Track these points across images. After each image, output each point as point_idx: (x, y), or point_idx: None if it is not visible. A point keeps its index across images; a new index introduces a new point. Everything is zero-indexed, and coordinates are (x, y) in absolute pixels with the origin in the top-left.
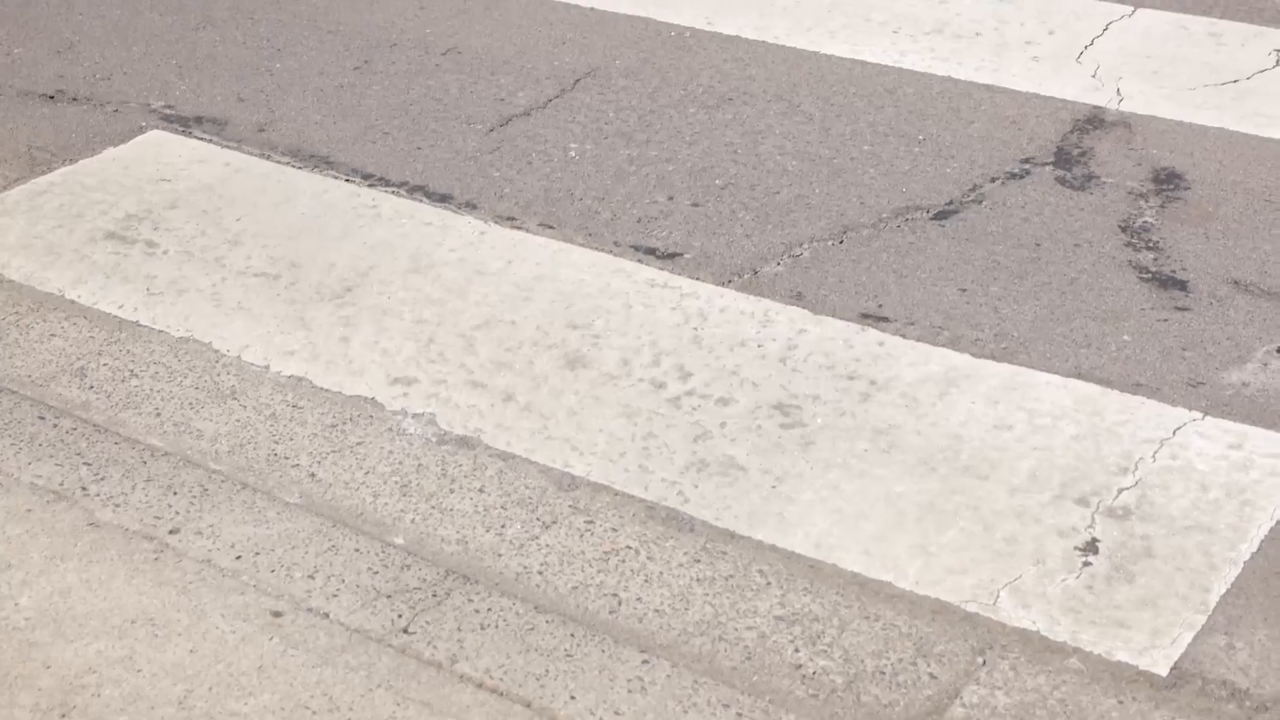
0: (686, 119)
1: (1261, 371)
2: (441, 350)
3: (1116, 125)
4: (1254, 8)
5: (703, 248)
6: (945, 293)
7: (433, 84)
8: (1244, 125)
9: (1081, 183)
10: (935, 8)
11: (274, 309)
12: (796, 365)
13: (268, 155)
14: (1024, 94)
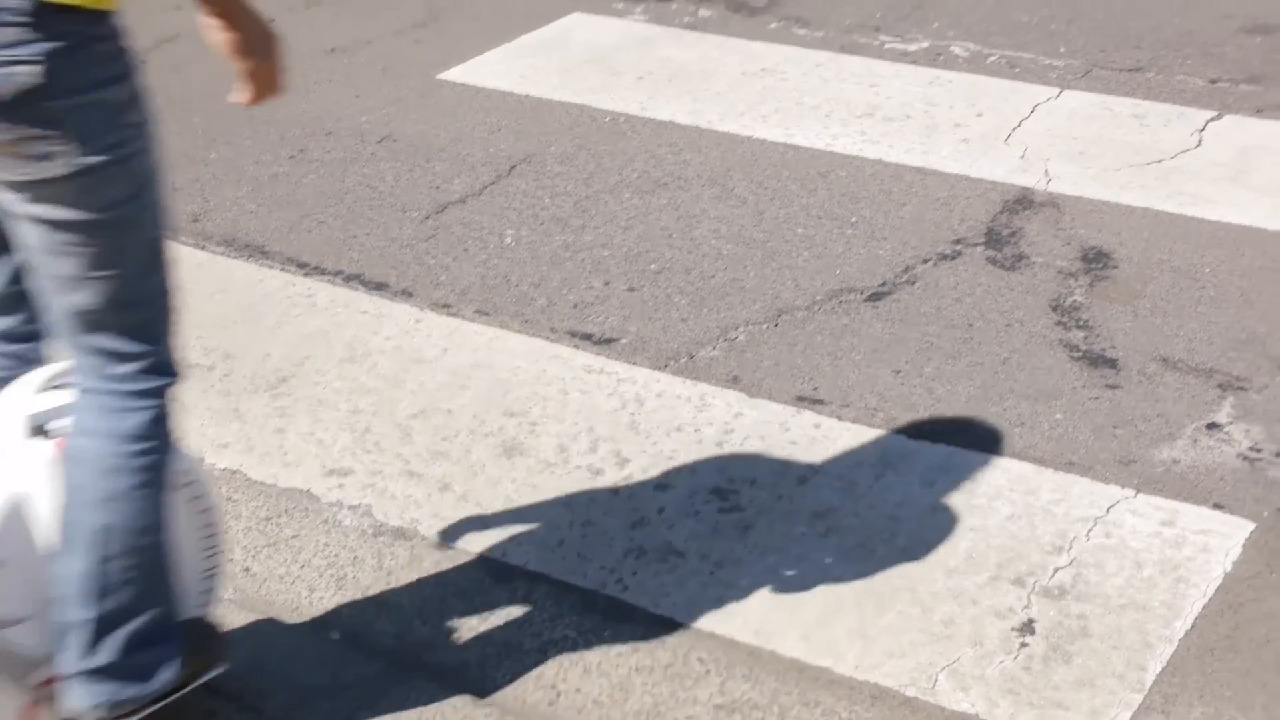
0: (621, 204)
1: (1191, 448)
2: (378, 440)
3: (1045, 205)
4: (1175, 89)
5: (639, 332)
6: (880, 374)
7: (368, 172)
8: (1168, 204)
9: (1012, 263)
10: (866, 91)
11: (208, 401)
12: (734, 449)
13: (202, 245)
14: (954, 176)
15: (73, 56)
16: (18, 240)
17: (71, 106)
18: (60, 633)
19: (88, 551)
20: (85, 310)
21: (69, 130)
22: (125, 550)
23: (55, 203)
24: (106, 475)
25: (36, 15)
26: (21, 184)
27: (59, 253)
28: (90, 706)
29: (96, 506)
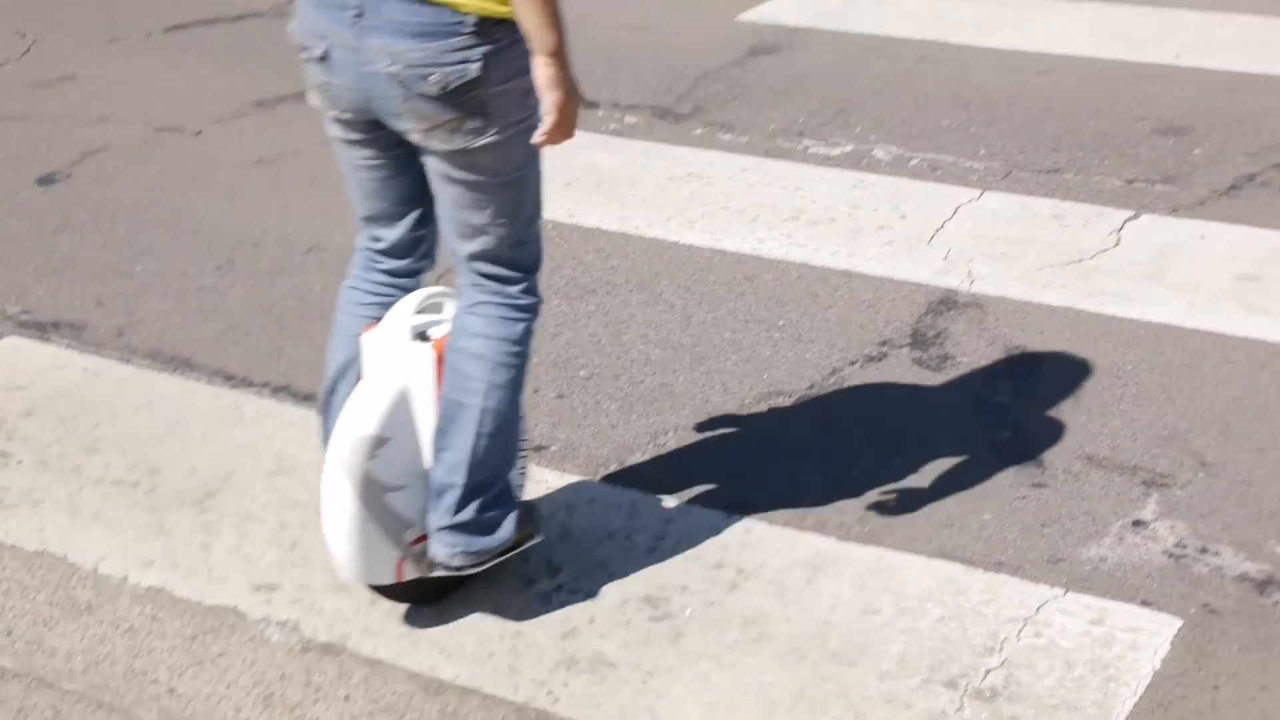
0: (550, 311)
1: (1118, 545)
2: (306, 554)
3: (969, 306)
4: (1093, 189)
5: (568, 439)
6: (809, 477)
7: (296, 282)
8: (1089, 303)
9: (938, 364)
10: (791, 195)
11: (133, 517)
12: (664, 555)
13: (127, 359)
14: (879, 278)
15: (499, 56)
16: (435, 196)
17: (496, 93)
18: (434, 495)
19: (469, 429)
20: (488, 249)
21: (493, 111)
22: (495, 429)
23: (477, 168)
24: (493, 369)
25: (479, 26)
26: (455, 153)
27: (474, 206)
28: (451, 554)
29: (482, 393)
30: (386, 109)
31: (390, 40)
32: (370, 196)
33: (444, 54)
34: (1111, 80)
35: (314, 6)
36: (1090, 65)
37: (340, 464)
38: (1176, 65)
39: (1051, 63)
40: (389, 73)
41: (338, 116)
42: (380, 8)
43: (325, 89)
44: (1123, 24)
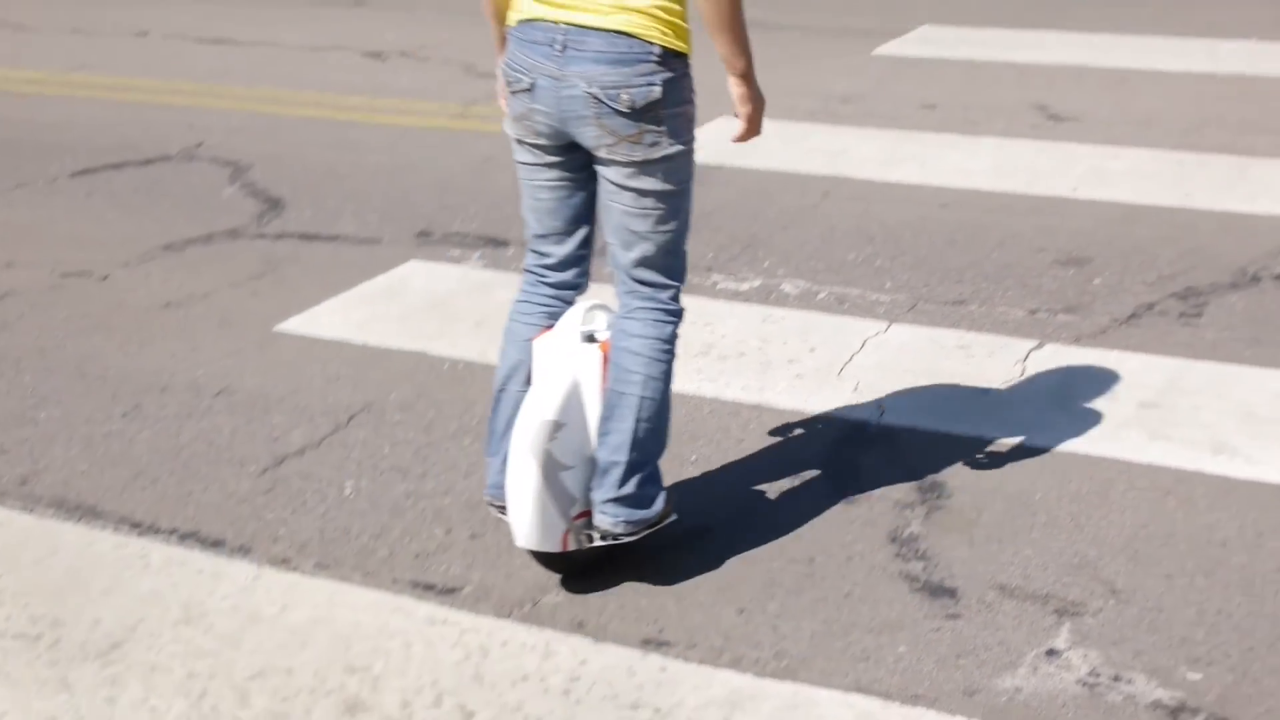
0: (463, 450)
1: (1032, 675)
2: (214, 704)
3: (879, 438)
4: (998, 320)
5: (482, 580)
6: (724, 613)
7: (205, 426)
8: (997, 433)
9: (850, 496)
10: (701, 330)
11: (34, 672)
12: (580, 697)
13: (31, 508)
14: (790, 411)
15: (675, 83)
16: (605, 211)
17: (671, 114)
18: (599, 473)
19: (630, 415)
20: (646, 256)
21: (668, 128)
22: (651, 415)
23: (651, 176)
24: (649, 364)
25: (662, 56)
26: (634, 163)
27: (641, 214)
28: (614, 523)
29: (640, 384)
30: (581, 127)
31: (589, 67)
32: (547, 215)
33: (633, 77)
34: (1012, 213)
35: (523, 46)
36: (991, 199)
37: (526, 445)
38: (1074, 198)
39: (953, 196)
40: (587, 93)
41: (534, 141)
42: (583, 40)
43: (527, 117)
44: (1021, 158)
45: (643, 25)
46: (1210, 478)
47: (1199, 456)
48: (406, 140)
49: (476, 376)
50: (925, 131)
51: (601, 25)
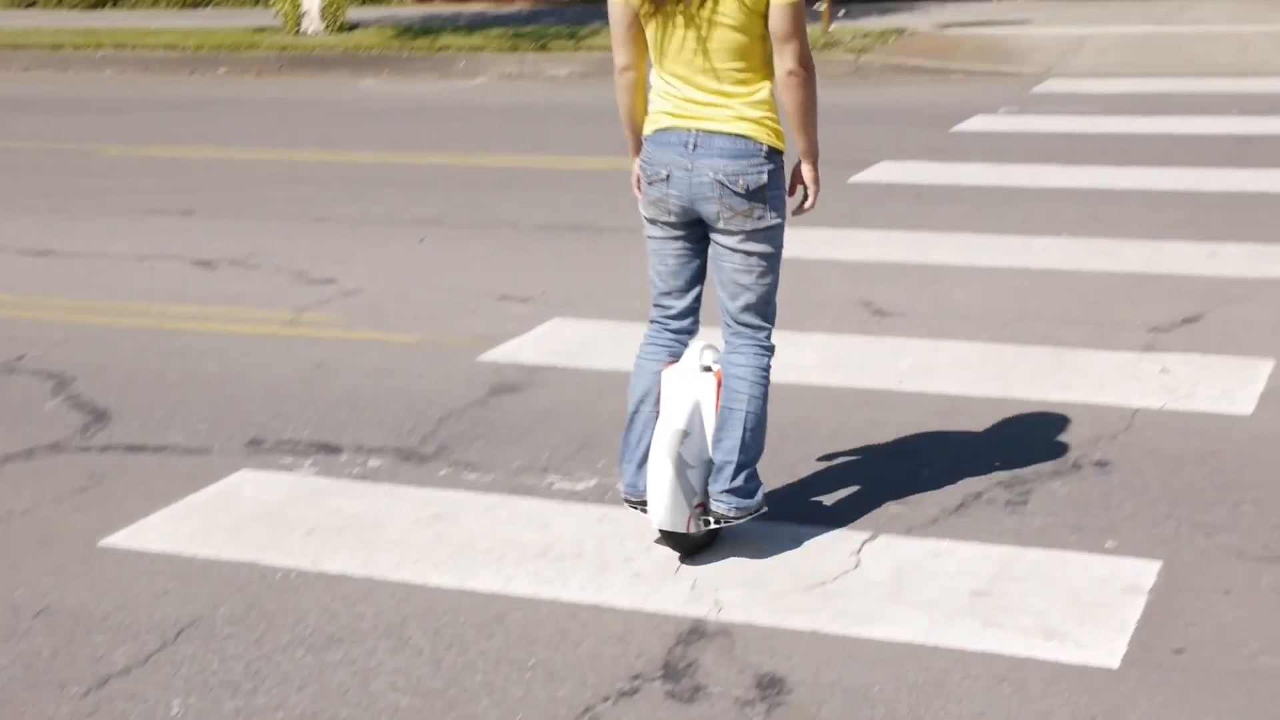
0: (295, 663)
1: None
2: None
3: (718, 635)
4: (831, 512)
5: None
6: None
7: (22, 649)
8: (834, 626)
9: (690, 695)
10: (538, 530)
11: None
12: None
13: None
14: (629, 611)
15: (775, 172)
16: (718, 269)
17: (773, 195)
18: (715, 471)
19: (738, 426)
20: (749, 304)
21: (770, 205)
22: (754, 426)
23: (756, 242)
24: (752, 386)
25: (768, 152)
26: (745, 231)
27: (747, 271)
28: (728, 509)
29: (746, 402)
30: (705, 205)
31: (714, 160)
32: (671, 276)
33: (747, 167)
34: (841, 406)
35: (659, 147)
36: (820, 393)
37: (663, 450)
38: (900, 391)
39: (784, 391)
40: (714, 180)
41: (666, 219)
42: (709, 141)
43: (662, 200)
44: (848, 352)
45: (754, 130)
46: (1043, 663)
47: (1031, 643)
48: (236, 348)
49: (309, 585)
50: None
51: (725, 130)
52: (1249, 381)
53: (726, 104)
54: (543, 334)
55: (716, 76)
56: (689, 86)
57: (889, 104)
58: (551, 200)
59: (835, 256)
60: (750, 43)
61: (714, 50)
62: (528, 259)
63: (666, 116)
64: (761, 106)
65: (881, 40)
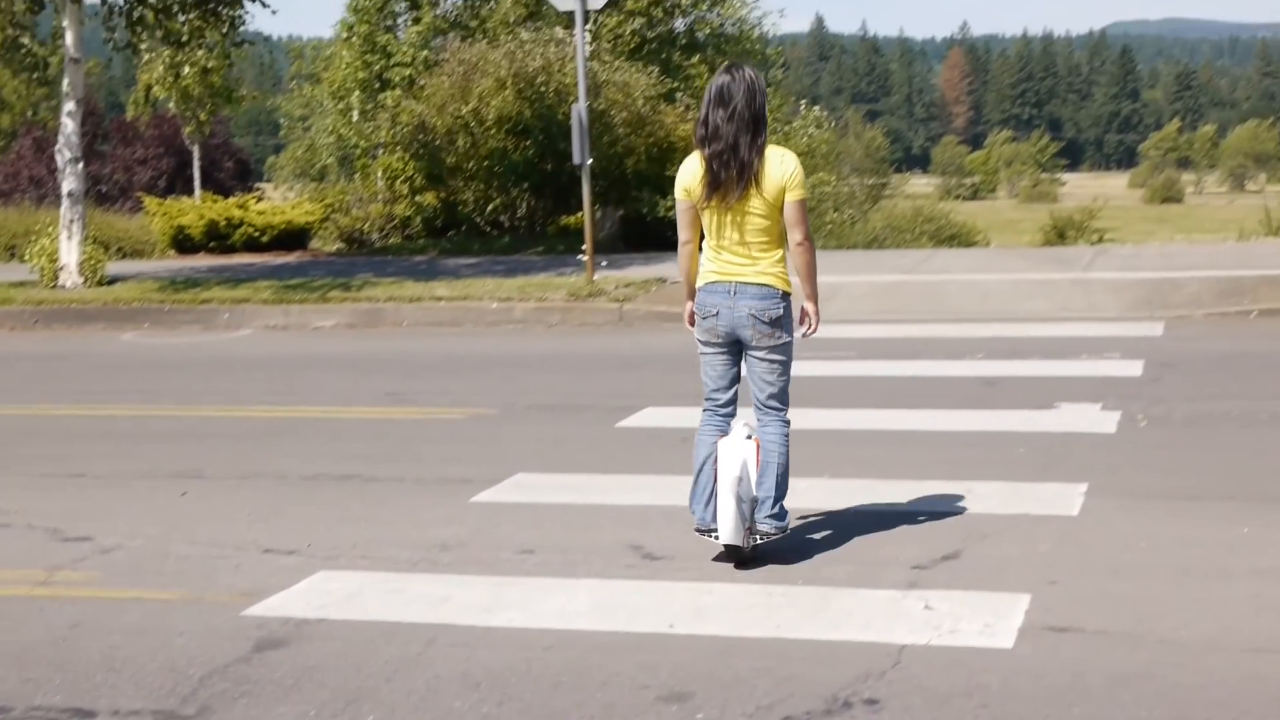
0: None
1: None
2: None
3: None
4: None
5: None
6: None
7: None
8: None
9: None
10: None
11: None
12: None
13: None
14: None
15: (787, 309)
16: (750, 372)
17: (786, 321)
18: (760, 504)
19: (774, 474)
20: (772, 394)
21: (784, 329)
22: (782, 472)
23: (777, 354)
24: (780, 447)
25: (782, 295)
26: (769, 347)
27: (770, 372)
28: (771, 530)
29: (778, 456)
30: (743, 331)
31: (748, 301)
32: (719, 378)
33: (770, 305)
34: (614, 651)
35: (710, 293)
36: (593, 638)
37: (728, 489)
38: (672, 634)
39: (556, 638)
40: (749, 314)
41: (716, 341)
42: (744, 289)
43: (713, 329)
44: (619, 597)
45: (774, 281)
46: None
47: None
48: None
49: None
50: (525, 576)
51: (754, 281)
52: (1008, 616)
53: (755, 264)
54: (309, 587)
55: (748, 247)
56: (729, 254)
57: (653, 350)
58: (318, 451)
59: (604, 502)
60: (771, 225)
61: (747, 230)
62: (293, 511)
63: (714, 274)
64: (778, 265)
65: (643, 289)
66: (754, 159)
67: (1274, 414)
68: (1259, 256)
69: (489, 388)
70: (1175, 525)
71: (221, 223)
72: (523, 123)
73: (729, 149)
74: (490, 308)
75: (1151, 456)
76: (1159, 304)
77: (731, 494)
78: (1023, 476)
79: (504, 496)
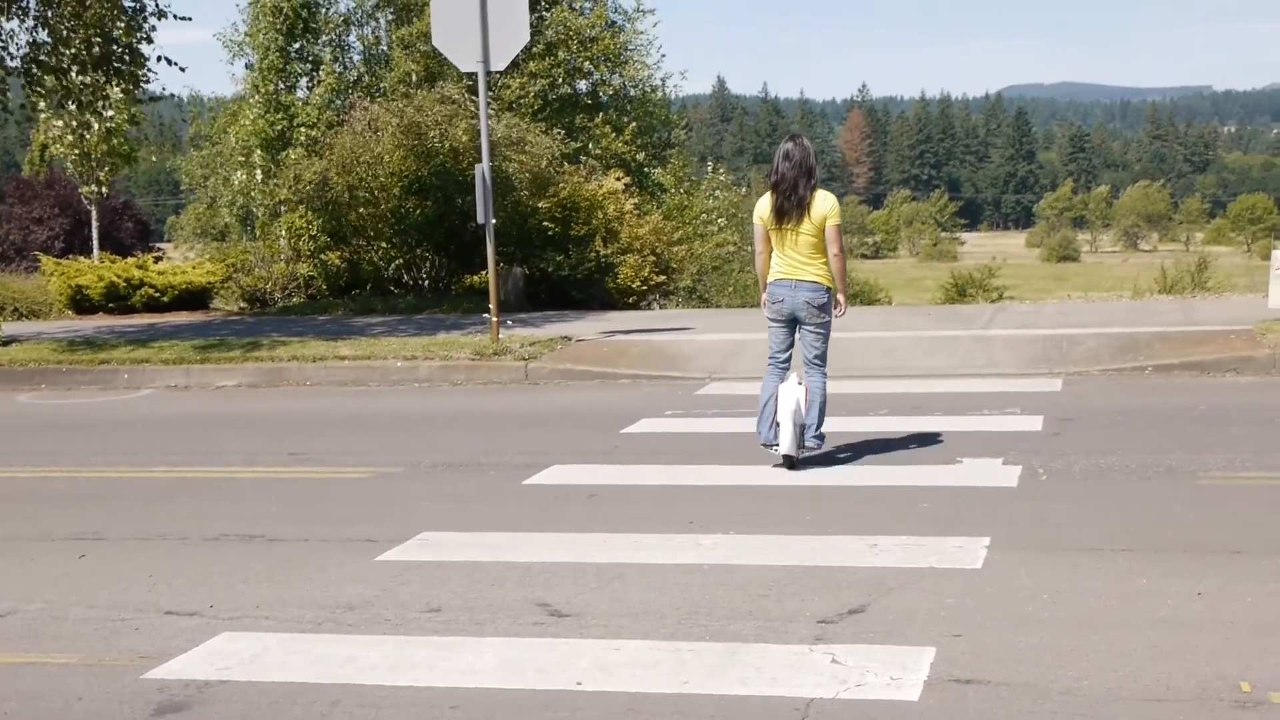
0: None
1: None
2: None
3: None
4: None
5: None
6: None
7: None
8: None
9: None
10: None
11: None
12: None
13: None
14: None
15: (830, 296)
16: (802, 339)
17: (827, 306)
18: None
19: (816, 407)
20: (817, 355)
21: (826, 312)
22: (821, 407)
23: (821, 329)
24: (820, 390)
25: (826, 289)
26: (816, 323)
27: (816, 341)
28: (813, 445)
29: (819, 396)
30: (799, 313)
31: (804, 293)
32: (780, 344)
33: (818, 296)
34: (521, 710)
35: (779, 286)
36: (500, 695)
37: (787, 416)
38: (579, 690)
39: (464, 696)
40: (805, 301)
41: (780, 319)
42: (801, 284)
43: (779, 310)
44: (527, 655)
45: (820, 278)
46: None
47: None
48: None
49: None
50: (432, 635)
51: (807, 279)
52: (913, 669)
53: (807, 268)
54: (211, 648)
55: (801, 255)
56: (790, 260)
57: (559, 408)
58: (220, 511)
59: (511, 559)
60: (817, 241)
61: (800, 245)
62: (195, 572)
63: (781, 273)
64: (823, 268)
65: (549, 347)
66: (807, 196)
67: (1169, 467)
68: (1152, 314)
69: (394, 447)
70: (1076, 577)
71: (121, 283)
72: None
73: (791, 189)
74: (395, 366)
75: (1052, 510)
76: (1057, 360)
77: (789, 420)
78: (927, 530)
79: (410, 555)
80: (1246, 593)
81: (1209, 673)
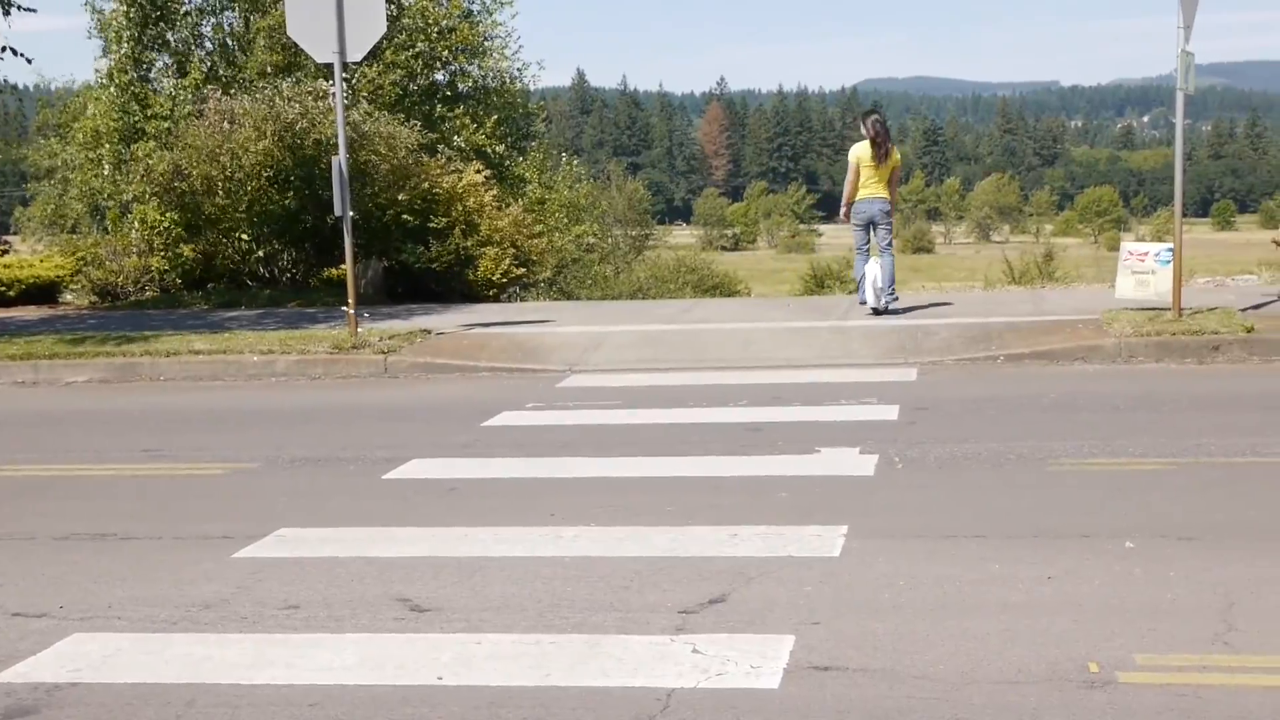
0: None
1: None
2: None
3: None
4: None
5: None
6: None
7: None
8: None
9: None
10: None
11: None
12: None
13: None
14: None
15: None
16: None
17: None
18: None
19: (889, 273)
20: (889, 242)
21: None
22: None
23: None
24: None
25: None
26: (885, 225)
27: (885, 233)
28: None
29: (891, 268)
30: (875, 219)
31: (877, 205)
32: (863, 239)
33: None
34: (382, 706)
35: (864, 201)
36: (361, 692)
37: (870, 282)
38: (441, 685)
39: (323, 693)
40: (880, 210)
41: (863, 224)
42: (875, 200)
43: (862, 218)
44: (387, 650)
45: (887, 196)
46: None
47: None
48: None
49: None
50: (290, 632)
51: (879, 196)
52: (773, 657)
53: (881, 193)
54: (61, 650)
55: (879, 182)
56: (870, 188)
57: (418, 402)
58: (70, 510)
59: (371, 554)
60: (888, 175)
61: (878, 178)
62: (44, 572)
63: (867, 193)
64: (887, 190)
65: (408, 340)
66: (888, 147)
67: (1021, 455)
68: (1003, 304)
69: (250, 442)
70: (931, 564)
71: None
72: (283, 173)
73: (884, 140)
74: (251, 361)
75: (908, 497)
76: (912, 350)
77: (872, 286)
78: (785, 520)
79: (267, 552)
80: (1094, 575)
81: (1059, 654)
